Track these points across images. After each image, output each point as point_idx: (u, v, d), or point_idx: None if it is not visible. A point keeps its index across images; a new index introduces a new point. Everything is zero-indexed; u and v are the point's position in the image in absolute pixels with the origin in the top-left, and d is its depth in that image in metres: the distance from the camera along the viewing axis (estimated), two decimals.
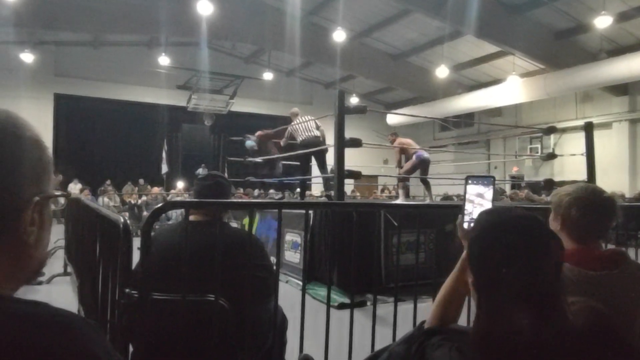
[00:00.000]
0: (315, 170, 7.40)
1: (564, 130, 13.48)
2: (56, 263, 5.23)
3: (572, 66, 11.50)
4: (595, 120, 8.86)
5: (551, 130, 7.46)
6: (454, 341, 0.84)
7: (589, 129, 6.41)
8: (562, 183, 8.71)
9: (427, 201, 7.63)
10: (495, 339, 0.77)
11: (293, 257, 5.62)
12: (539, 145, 14.73)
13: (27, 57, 13.18)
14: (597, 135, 6.81)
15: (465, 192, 1.12)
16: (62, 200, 5.87)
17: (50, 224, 0.63)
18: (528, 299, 0.78)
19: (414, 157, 7.64)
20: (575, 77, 11.48)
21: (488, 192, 1.10)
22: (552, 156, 7.83)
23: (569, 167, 12.43)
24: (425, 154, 7.70)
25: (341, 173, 4.69)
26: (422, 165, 7.65)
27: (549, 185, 7.06)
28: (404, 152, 7.74)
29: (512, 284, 0.78)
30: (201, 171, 12.92)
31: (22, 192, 0.57)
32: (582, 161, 6.47)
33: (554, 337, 0.76)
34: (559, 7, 10.45)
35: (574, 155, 7.30)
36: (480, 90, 14.42)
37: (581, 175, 6.56)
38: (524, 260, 0.79)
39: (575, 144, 11.81)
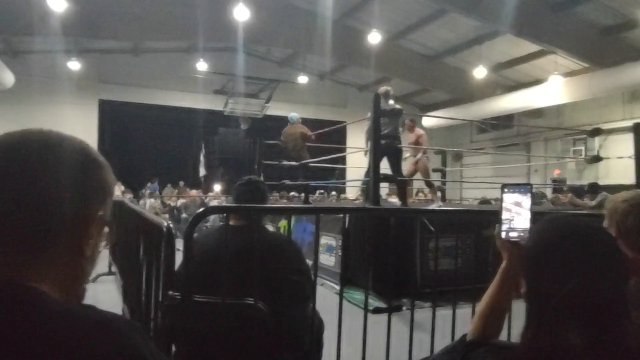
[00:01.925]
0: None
1: (610, 132, 12.86)
2: (101, 262, 5.44)
3: (619, 64, 10.98)
4: None
5: (596, 132, 7.17)
6: (498, 355, 0.81)
7: (637, 130, 6.12)
8: (607, 187, 8.35)
9: (434, 205, 7.23)
10: (543, 354, 0.73)
11: (328, 260, 5.64)
12: (582, 148, 14.13)
13: (74, 65, 13.83)
14: None
15: (501, 201, 1.10)
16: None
17: (100, 247, 0.67)
18: (585, 315, 0.72)
19: (420, 154, 7.20)
20: (622, 75, 10.95)
21: (526, 201, 1.08)
22: (597, 159, 7.51)
23: (615, 170, 11.85)
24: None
25: (376, 177, 4.67)
26: (424, 168, 7.24)
27: (594, 189, 6.79)
28: (417, 144, 7.15)
29: (569, 297, 0.73)
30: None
31: (89, 206, 0.62)
32: (630, 164, 6.18)
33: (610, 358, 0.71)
34: (604, 3, 10.00)
35: (621, 158, 6.98)
36: (520, 90, 13.98)
37: (629, 179, 6.27)
38: (586, 273, 0.74)
39: (622, 146, 11.25)
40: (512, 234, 1.06)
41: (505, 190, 1.09)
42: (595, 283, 0.73)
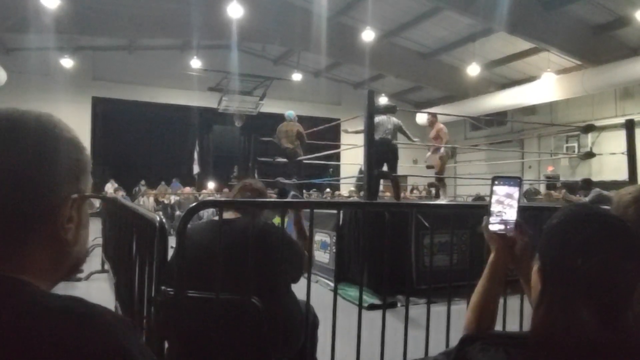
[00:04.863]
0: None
1: (603, 128, 12.95)
2: (94, 260, 5.42)
3: (611, 61, 11.06)
4: (636, 118, 8.48)
5: (589, 128, 7.19)
6: (499, 345, 0.80)
7: (630, 126, 6.17)
8: (601, 183, 8.39)
9: (443, 201, 7.22)
10: (555, 329, 0.74)
11: (322, 257, 5.63)
12: (575, 144, 14.22)
13: (67, 62, 13.72)
14: (639, 133, 6.52)
15: (491, 193, 1.09)
16: (96, 203, 6.00)
17: (88, 223, 0.64)
18: (600, 295, 0.74)
19: (442, 150, 7.18)
20: (615, 72, 11.04)
21: (515, 194, 1.07)
22: (590, 155, 7.54)
23: (608, 166, 11.94)
24: None
25: (371, 173, 4.67)
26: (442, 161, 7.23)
27: (587, 185, 6.81)
28: (436, 140, 7.12)
29: (586, 276, 0.75)
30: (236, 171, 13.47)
31: (60, 189, 0.58)
32: (623, 160, 6.23)
33: (619, 343, 0.72)
34: (597, 1, 10.06)
35: (614, 154, 7.02)
36: (514, 88, 14.05)
37: (621, 175, 6.31)
38: (604, 255, 0.75)
39: (615, 142, 11.32)
40: (500, 226, 1.06)
41: (496, 182, 1.08)
42: (614, 265, 0.75)
